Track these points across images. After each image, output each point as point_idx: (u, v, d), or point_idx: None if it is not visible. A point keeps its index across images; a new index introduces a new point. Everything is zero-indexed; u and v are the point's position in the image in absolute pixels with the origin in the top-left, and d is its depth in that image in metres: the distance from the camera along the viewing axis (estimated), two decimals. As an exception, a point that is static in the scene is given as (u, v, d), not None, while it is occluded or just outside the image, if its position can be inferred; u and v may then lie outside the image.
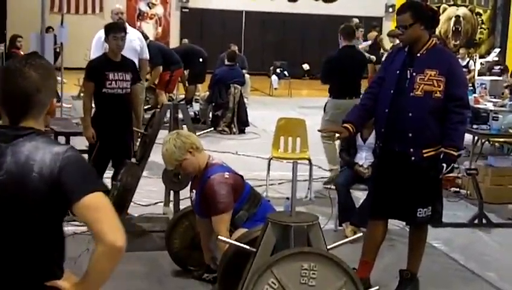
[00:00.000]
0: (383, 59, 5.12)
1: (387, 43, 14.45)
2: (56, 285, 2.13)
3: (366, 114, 4.74)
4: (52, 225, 2.14)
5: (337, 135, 4.75)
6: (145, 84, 8.83)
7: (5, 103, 2.18)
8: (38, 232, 2.11)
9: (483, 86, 9.54)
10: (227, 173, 4.19)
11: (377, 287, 3.27)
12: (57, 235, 2.17)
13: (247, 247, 2.89)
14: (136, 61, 7.98)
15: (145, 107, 10.43)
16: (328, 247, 2.86)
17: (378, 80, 4.73)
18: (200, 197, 4.22)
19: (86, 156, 6.45)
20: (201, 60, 12.98)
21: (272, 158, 7.49)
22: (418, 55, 4.50)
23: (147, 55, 8.43)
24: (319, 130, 4.75)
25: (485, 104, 8.52)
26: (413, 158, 4.47)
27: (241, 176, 4.38)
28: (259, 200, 4.34)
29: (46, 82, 2.18)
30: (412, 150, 4.46)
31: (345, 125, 4.63)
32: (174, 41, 20.05)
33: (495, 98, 9.02)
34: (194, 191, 4.42)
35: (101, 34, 7.51)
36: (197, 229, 4.95)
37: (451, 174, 7.68)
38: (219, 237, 2.96)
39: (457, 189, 7.83)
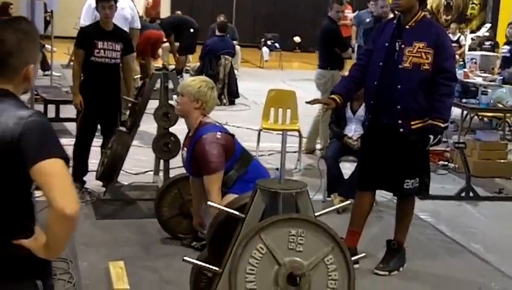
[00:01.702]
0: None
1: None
2: (22, 243, 2.16)
3: (354, 86, 4.76)
4: (17, 188, 2.15)
5: (324, 106, 4.74)
6: (135, 54, 8.78)
7: None
8: (4, 195, 2.13)
9: (474, 60, 9.56)
10: (219, 133, 4.20)
11: (363, 254, 3.31)
12: (24, 198, 2.19)
13: (237, 213, 2.91)
14: (127, 30, 7.94)
15: (136, 76, 10.41)
16: (316, 214, 2.89)
17: (366, 52, 4.75)
18: (191, 156, 4.24)
19: (74, 124, 6.47)
20: (192, 30, 12.92)
21: (261, 129, 7.52)
22: (407, 27, 4.51)
23: (138, 24, 8.37)
24: (306, 102, 4.77)
25: (475, 79, 8.55)
26: (401, 130, 4.50)
27: (233, 135, 4.39)
28: (249, 161, 4.36)
29: (21, 46, 2.17)
30: (400, 121, 4.49)
31: (333, 96, 4.65)
32: (164, 12, 19.90)
33: (485, 73, 9.05)
34: (185, 149, 4.42)
35: (91, 1, 7.46)
36: (186, 197, 4.98)
37: (439, 148, 7.77)
38: (208, 202, 2.98)
39: (446, 162, 7.90)
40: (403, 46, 4.47)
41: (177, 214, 5.13)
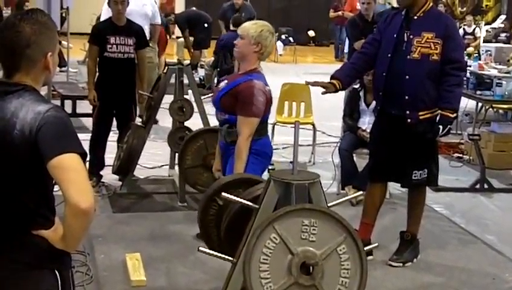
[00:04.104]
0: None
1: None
2: (41, 234, 2.21)
3: (355, 73, 4.78)
4: (37, 181, 2.19)
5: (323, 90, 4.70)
6: (157, 49, 8.83)
7: (0, 56, 2.25)
8: (22, 187, 2.18)
9: (489, 52, 9.53)
10: (268, 88, 4.12)
11: (376, 244, 3.33)
12: (43, 191, 2.23)
13: (250, 203, 2.95)
14: (147, 27, 8.01)
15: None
16: (329, 204, 2.92)
17: (371, 41, 4.76)
18: (230, 89, 4.08)
19: (91, 119, 6.55)
20: (206, 25, 12.94)
21: (275, 123, 7.54)
22: (415, 18, 4.53)
23: (158, 20, 8.41)
24: (306, 82, 4.76)
25: (489, 71, 8.53)
26: (409, 120, 4.52)
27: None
28: (265, 132, 4.27)
29: (38, 38, 2.20)
30: (408, 112, 4.51)
31: (332, 81, 4.66)
32: (179, 7, 19.97)
33: (500, 64, 9.02)
34: (225, 81, 4.28)
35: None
36: (210, 150, 5.04)
37: (454, 140, 7.78)
38: (223, 194, 3.02)
39: (460, 155, 7.89)
40: (411, 36, 4.49)
41: (200, 165, 5.27)
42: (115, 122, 6.31)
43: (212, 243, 3.36)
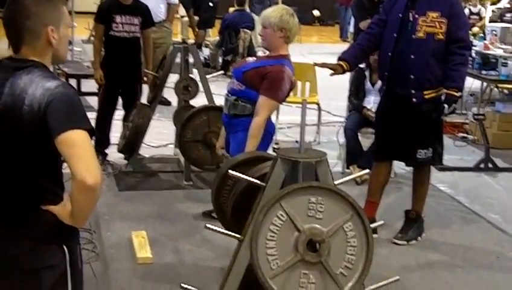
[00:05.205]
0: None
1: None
2: (50, 209, 2.23)
3: (362, 53, 4.79)
4: (45, 157, 2.20)
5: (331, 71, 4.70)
6: (172, 30, 8.79)
7: (4, 30, 2.25)
8: (31, 163, 2.19)
9: (494, 32, 9.48)
10: (294, 78, 4.17)
11: (382, 222, 3.35)
12: (52, 166, 2.24)
13: (257, 181, 2.97)
14: (164, 6, 7.97)
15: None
16: (336, 182, 2.94)
17: (378, 21, 4.76)
18: (258, 67, 4.10)
19: (95, 98, 6.56)
20: (211, 4, 12.88)
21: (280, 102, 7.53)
22: None
23: (175, 0, 8.37)
24: (314, 64, 4.78)
25: (495, 51, 8.50)
26: (414, 100, 4.54)
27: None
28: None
29: (37, 9, 2.19)
30: (413, 91, 4.53)
31: (340, 63, 4.66)
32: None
33: (505, 44, 8.98)
34: (254, 58, 4.36)
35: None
36: (212, 128, 5.12)
37: (459, 120, 7.78)
38: (230, 171, 3.03)
39: (465, 134, 7.90)
40: (416, 16, 4.49)
41: (199, 140, 5.30)
42: (120, 101, 6.32)
43: (225, 220, 3.38)
